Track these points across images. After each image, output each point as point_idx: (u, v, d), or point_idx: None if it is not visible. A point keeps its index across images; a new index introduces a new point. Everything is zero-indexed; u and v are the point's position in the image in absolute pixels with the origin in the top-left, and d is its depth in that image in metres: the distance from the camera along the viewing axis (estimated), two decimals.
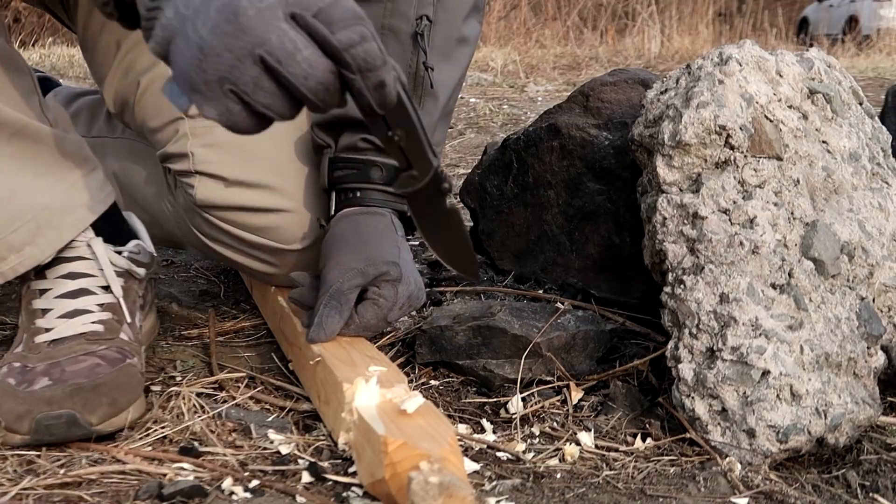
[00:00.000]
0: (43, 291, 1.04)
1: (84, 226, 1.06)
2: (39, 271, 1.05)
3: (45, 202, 1.02)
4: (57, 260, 1.04)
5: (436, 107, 1.20)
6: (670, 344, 1.02)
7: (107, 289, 1.06)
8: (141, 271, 1.10)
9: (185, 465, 0.91)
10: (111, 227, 1.11)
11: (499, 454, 0.96)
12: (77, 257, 1.05)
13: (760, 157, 1.04)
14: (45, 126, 1.04)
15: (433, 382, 1.15)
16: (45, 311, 1.02)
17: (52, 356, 0.97)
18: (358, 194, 1.18)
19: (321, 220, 1.19)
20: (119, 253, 1.09)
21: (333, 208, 1.19)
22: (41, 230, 1.02)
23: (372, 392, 0.90)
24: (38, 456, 0.92)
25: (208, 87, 0.73)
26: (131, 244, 1.11)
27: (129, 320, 1.06)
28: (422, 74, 1.17)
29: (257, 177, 1.14)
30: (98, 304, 1.04)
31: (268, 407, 1.07)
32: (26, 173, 1.01)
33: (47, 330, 1.01)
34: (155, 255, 1.17)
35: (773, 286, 1.00)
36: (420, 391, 1.10)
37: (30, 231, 1.01)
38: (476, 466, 0.92)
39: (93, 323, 1.02)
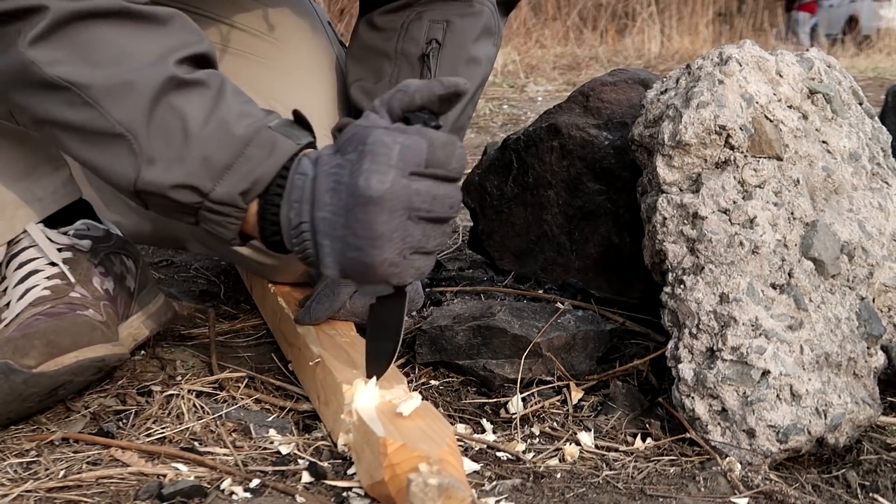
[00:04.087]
0: (5, 289, 1.08)
1: (37, 219, 1.09)
2: (1, 274, 1.09)
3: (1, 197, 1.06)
4: (10, 257, 1.08)
5: (445, 121, 1.24)
6: (670, 344, 1.02)
7: (54, 263, 1.08)
8: (86, 243, 1.12)
9: (185, 466, 0.91)
10: (66, 217, 1.14)
11: (499, 454, 0.96)
12: (23, 248, 1.09)
13: (760, 157, 1.04)
14: (9, 124, 1.06)
15: (433, 382, 1.15)
16: (8, 304, 1.06)
17: (5, 332, 0.99)
18: None
19: None
20: (66, 233, 1.12)
21: None
22: None
23: (371, 393, 0.90)
24: (39, 456, 0.92)
25: (396, 265, 0.85)
26: (78, 223, 1.14)
27: (80, 283, 1.08)
28: None
29: None
30: (46, 278, 1.07)
31: (268, 407, 1.07)
32: None
33: (7, 317, 1.04)
34: (116, 232, 1.20)
35: (773, 286, 1.00)
36: (420, 391, 1.10)
37: None
38: (476, 466, 0.92)
39: (40, 292, 1.05)
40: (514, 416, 1.05)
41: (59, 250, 1.10)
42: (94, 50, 0.85)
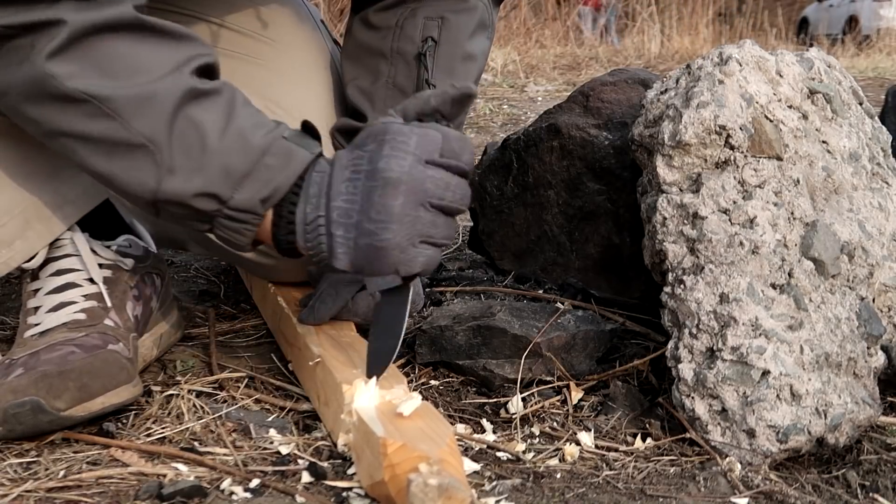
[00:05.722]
0: (36, 291, 1.06)
1: (73, 220, 1.08)
2: (34, 274, 1.07)
3: (34, 199, 1.04)
4: (48, 260, 1.07)
5: None
6: (670, 344, 1.02)
7: (93, 281, 1.07)
8: (129, 262, 1.12)
9: (185, 466, 0.91)
10: (103, 224, 1.14)
11: (499, 454, 0.96)
12: (64, 255, 1.08)
13: (760, 157, 1.04)
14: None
15: (433, 382, 1.15)
16: (36, 309, 1.05)
17: (34, 346, 0.99)
18: None
19: None
20: (109, 247, 1.11)
21: None
22: (30, 224, 1.04)
23: (371, 393, 0.90)
24: (39, 456, 0.92)
25: (405, 251, 0.89)
26: (121, 238, 1.14)
27: (115, 308, 1.08)
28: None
29: None
30: (83, 296, 1.06)
31: (268, 407, 1.07)
32: (15, 172, 1.03)
33: (35, 325, 1.03)
34: (153, 251, 1.18)
35: (773, 286, 1.00)
36: (420, 391, 1.10)
37: (18, 226, 1.03)
38: (476, 466, 0.92)
39: (75, 312, 1.04)
40: (514, 416, 1.05)
41: (101, 266, 1.09)
42: (112, 62, 0.85)
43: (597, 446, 0.98)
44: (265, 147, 0.89)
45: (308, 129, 0.95)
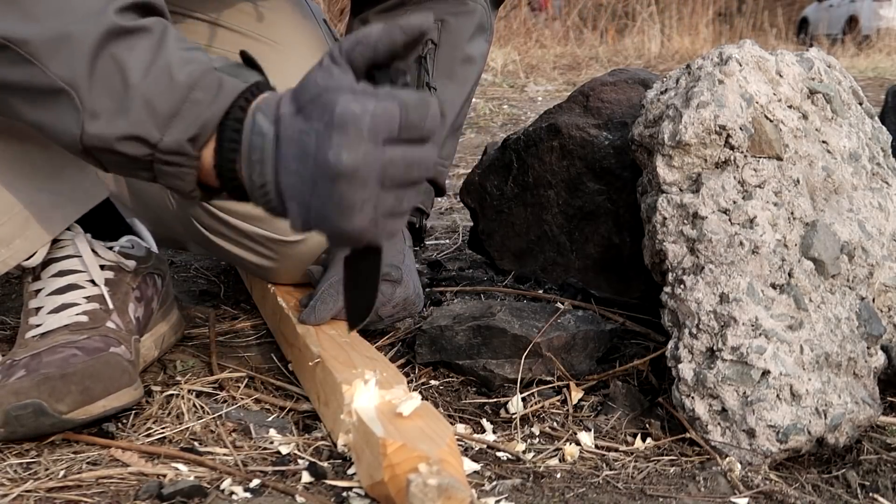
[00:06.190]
0: (38, 291, 1.06)
1: (73, 219, 1.08)
2: (36, 274, 1.07)
3: (33, 198, 1.03)
4: (49, 260, 1.07)
5: (443, 124, 1.23)
6: (670, 344, 1.02)
7: (95, 282, 1.07)
8: (130, 263, 1.12)
9: (185, 466, 0.91)
10: (105, 225, 1.14)
11: (499, 454, 0.96)
12: (67, 256, 1.08)
13: (760, 157, 1.04)
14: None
15: (433, 382, 1.15)
16: (37, 310, 1.05)
17: (36, 348, 0.99)
18: None
19: None
20: (111, 248, 1.11)
21: None
22: (30, 223, 1.04)
23: (371, 393, 0.90)
24: (39, 456, 0.92)
25: (366, 231, 0.77)
26: (123, 239, 1.14)
27: (117, 310, 1.08)
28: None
29: None
30: (85, 297, 1.06)
31: (268, 407, 1.07)
32: (15, 171, 1.03)
33: (37, 326, 1.03)
34: (155, 251, 1.19)
35: (773, 286, 1.00)
36: (420, 391, 1.10)
37: (18, 224, 1.03)
38: (476, 466, 0.92)
39: (77, 315, 1.04)
40: (514, 416, 1.05)
41: (103, 267, 1.09)
42: (35, 2, 0.80)
43: (597, 446, 0.98)
44: (193, 82, 0.81)
45: (247, 61, 0.87)
